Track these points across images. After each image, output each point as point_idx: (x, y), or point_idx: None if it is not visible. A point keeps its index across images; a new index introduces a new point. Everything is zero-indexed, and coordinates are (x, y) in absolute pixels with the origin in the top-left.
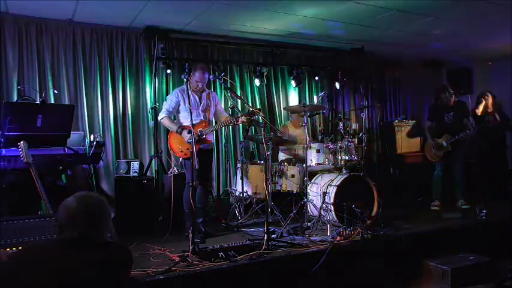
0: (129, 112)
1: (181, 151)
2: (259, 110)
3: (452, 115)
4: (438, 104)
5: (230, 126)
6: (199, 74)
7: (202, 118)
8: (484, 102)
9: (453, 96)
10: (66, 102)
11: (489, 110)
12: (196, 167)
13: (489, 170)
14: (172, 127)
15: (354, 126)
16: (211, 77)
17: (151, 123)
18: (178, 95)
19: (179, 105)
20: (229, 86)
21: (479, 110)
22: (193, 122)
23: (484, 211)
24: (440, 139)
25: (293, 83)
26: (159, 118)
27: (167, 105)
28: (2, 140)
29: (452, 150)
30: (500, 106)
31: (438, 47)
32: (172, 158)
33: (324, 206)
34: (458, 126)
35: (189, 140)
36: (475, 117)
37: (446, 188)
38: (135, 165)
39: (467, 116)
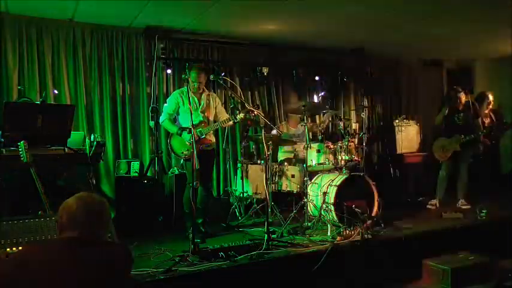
0: (129, 112)
1: (183, 152)
2: (258, 106)
3: (463, 116)
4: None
5: (230, 127)
6: (194, 74)
7: (202, 119)
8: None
9: (463, 95)
10: (66, 102)
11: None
12: (197, 167)
13: (489, 171)
14: (173, 129)
15: (354, 126)
16: (211, 76)
17: (151, 123)
18: (177, 97)
19: (179, 107)
20: (229, 86)
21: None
22: (193, 123)
23: (484, 211)
24: (450, 139)
25: (293, 83)
26: (160, 121)
27: (167, 108)
28: (2, 140)
29: (460, 151)
30: (499, 108)
31: (436, 47)
32: (172, 158)
33: (324, 206)
34: (468, 126)
35: (189, 141)
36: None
37: (450, 188)
38: (135, 165)
39: (477, 117)
